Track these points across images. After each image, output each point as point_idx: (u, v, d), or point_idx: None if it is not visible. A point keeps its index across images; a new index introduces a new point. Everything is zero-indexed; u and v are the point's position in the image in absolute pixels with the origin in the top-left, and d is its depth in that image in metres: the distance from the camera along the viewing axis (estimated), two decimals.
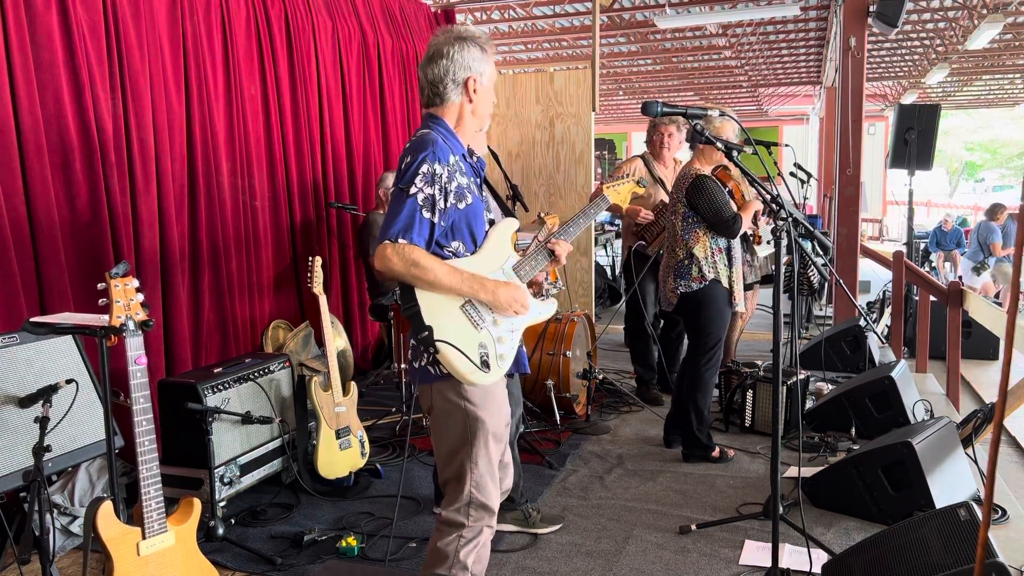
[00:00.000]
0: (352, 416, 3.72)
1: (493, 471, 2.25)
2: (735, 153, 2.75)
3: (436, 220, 2.09)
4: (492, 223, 2.33)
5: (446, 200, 2.11)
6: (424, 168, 2.07)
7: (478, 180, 2.30)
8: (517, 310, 2.23)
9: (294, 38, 4.83)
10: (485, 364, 2.15)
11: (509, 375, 2.30)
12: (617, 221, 9.49)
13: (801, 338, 6.60)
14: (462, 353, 2.10)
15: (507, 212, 2.40)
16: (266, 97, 4.61)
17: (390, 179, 4.98)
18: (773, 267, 5.34)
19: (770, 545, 2.68)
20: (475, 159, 2.31)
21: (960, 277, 9.84)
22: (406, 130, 6.14)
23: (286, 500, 3.53)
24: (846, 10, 5.99)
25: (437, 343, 2.06)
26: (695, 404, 3.90)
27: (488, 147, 4.04)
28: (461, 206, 2.16)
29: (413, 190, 2.06)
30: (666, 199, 4.86)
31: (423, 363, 2.18)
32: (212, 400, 3.21)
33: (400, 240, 2.04)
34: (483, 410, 2.19)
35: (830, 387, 4.62)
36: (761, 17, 9.12)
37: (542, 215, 2.64)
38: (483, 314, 2.18)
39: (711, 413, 4.19)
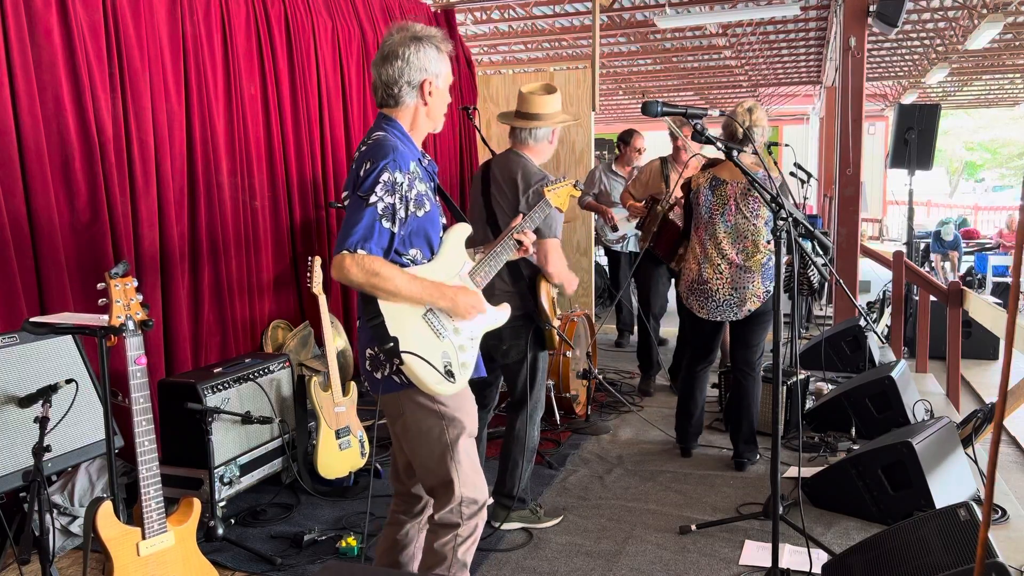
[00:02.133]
0: (352, 416, 3.72)
1: (476, 464, 2.25)
2: (735, 153, 2.75)
3: (396, 230, 2.04)
4: (444, 228, 2.27)
5: (407, 209, 2.07)
6: (385, 176, 2.01)
7: (433, 184, 2.25)
8: (475, 315, 2.21)
9: (294, 38, 4.83)
10: (449, 373, 2.12)
11: (471, 381, 2.29)
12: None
13: (801, 338, 6.60)
14: (428, 363, 2.07)
15: (458, 216, 2.35)
16: (266, 97, 4.61)
17: None
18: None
19: (770, 545, 2.68)
20: (427, 162, 2.25)
21: None
22: None
23: (286, 500, 3.53)
24: (846, 10, 5.99)
25: (403, 354, 2.03)
26: (756, 406, 3.88)
27: (488, 147, 4.04)
28: (420, 213, 2.10)
29: (373, 199, 2.00)
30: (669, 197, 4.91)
31: (386, 373, 2.13)
32: (212, 400, 3.21)
33: (359, 250, 1.98)
34: (459, 411, 2.18)
35: (830, 387, 4.62)
36: (761, 17, 9.13)
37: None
38: (444, 323, 2.15)
39: (712, 413, 4.20)
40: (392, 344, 2.02)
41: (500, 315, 2.35)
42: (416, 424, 2.17)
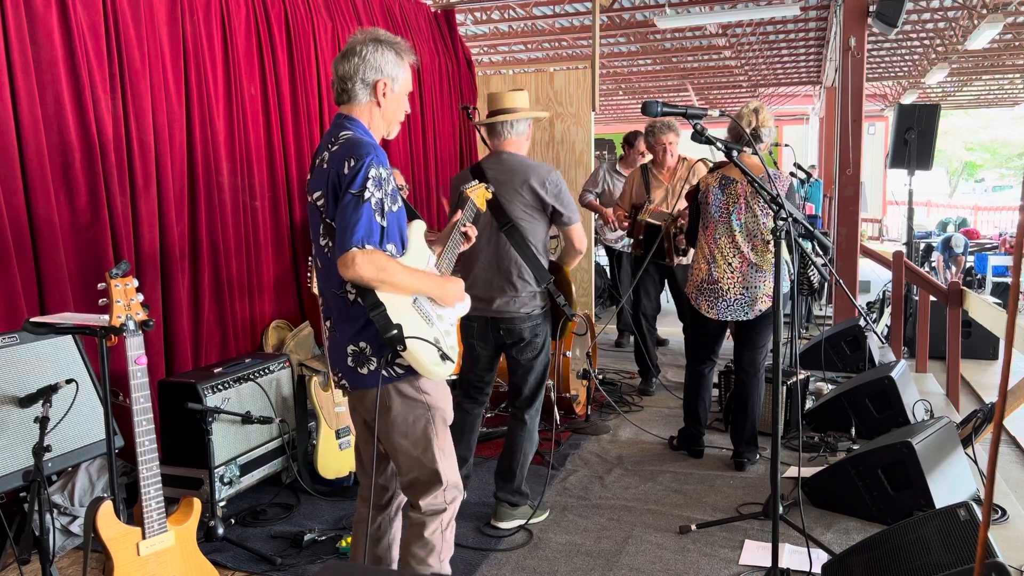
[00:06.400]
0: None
1: (453, 451, 2.34)
2: (735, 153, 2.75)
3: (385, 224, 2.11)
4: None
5: (392, 203, 2.13)
6: (372, 172, 2.07)
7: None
8: (458, 301, 2.32)
9: (294, 38, 4.83)
10: (444, 356, 2.20)
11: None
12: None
13: (801, 338, 6.60)
14: (433, 345, 2.14)
15: (412, 213, 2.40)
16: (266, 97, 4.61)
17: None
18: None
19: (770, 545, 2.68)
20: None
21: None
22: (405, 130, 6.13)
23: (286, 500, 3.53)
24: (846, 10, 5.99)
25: (407, 340, 2.09)
26: (759, 407, 3.86)
27: (488, 146, 4.04)
28: (395, 209, 2.17)
29: (367, 195, 2.05)
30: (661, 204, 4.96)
31: (373, 367, 2.16)
32: (212, 400, 3.21)
33: (367, 246, 2.03)
34: (442, 400, 2.27)
35: (830, 387, 4.62)
36: (761, 17, 9.13)
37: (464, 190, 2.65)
38: (429, 311, 2.22)
39: (711, 413, 4.20)
40: (395, 332, 2.07)
41: (467, 306, 2.44)
42: (404, 416, 2.22)
